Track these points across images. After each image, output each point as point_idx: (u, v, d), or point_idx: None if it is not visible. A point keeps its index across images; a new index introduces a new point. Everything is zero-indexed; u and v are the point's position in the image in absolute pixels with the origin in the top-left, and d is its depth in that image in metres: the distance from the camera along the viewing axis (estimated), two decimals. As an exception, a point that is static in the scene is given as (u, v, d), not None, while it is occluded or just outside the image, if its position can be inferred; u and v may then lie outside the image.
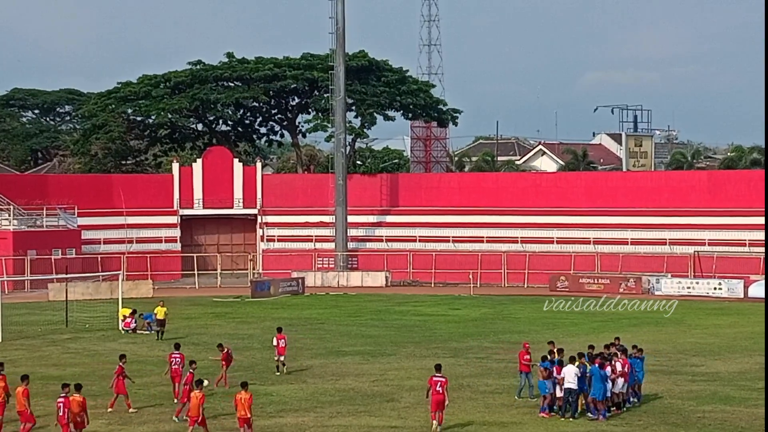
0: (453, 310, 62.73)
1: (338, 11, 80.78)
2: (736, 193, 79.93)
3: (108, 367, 39.59)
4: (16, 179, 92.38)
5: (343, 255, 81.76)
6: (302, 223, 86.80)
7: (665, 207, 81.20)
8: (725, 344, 47.55)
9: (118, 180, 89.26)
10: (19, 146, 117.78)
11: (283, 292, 71.53)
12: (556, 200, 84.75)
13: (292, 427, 30.95)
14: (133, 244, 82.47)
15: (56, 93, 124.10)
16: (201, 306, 63.96)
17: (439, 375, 30.31)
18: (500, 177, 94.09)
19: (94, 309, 57.10)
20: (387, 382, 37.90)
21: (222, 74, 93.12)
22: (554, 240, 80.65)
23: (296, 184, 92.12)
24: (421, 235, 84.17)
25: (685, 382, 37.72)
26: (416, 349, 45.79)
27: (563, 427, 30.96)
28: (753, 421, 31.46)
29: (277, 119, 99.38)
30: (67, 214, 79.80)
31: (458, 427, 30.96)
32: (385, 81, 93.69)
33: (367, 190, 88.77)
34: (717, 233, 76.88)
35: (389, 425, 31.26)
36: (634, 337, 46.92)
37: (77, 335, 50.95)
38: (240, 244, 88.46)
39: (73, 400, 28.00)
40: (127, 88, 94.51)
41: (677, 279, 71.73)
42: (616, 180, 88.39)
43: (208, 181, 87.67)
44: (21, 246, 75.27)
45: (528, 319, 57.78)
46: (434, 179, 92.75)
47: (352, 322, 56.93)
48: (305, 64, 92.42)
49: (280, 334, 39.62)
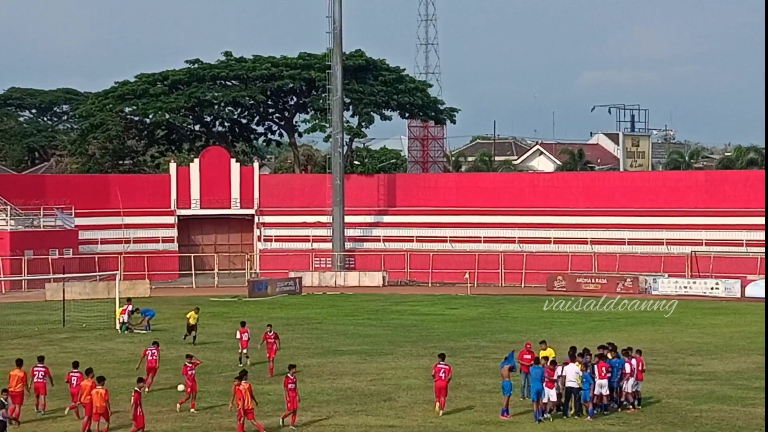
0: (450, 309, 62.75)
1: (335, 11, 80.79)
2: (733, 193, 79.99)
3: (107, 367, 39.61)
4: (14, 179, 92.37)
5: (340, 255, 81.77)
6: (299, 223, 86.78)
7: (662, 207, 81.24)
8: (722, 344, 47.59)
9: (115, 180, 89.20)
10: (17, 146, 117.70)
11: (280, 291, 71.53)
12: (554, 200, 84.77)
13: (289, 427, 30.94)
14: (130, 244, 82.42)
15: (54, 92, 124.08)
16: (198, 306, 63.82)
17: (443, 363, 31.83)
18: (497, 177, 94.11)
19: (91, 309, 57.11)
20: (384, 382, 37.92)
21: (219, 73, 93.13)
22: (551, 240, 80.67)
23: (293, 184, 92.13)
24: (418, 235, 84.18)
25: (682, 382, 37.75)
26: (413, 348, 45.81)
27: (560, 426, 30.97)
28: (750, 420, 31.49)
29: (275, 119, 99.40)
30: (64, 214, 79.75)
31: (455, 425, 30.98)
32: (383, 80, 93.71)
33: (364, 190, 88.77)
34: (714, 233, 76.91)
35: (386, 424, 31.28)
36: (631, 337, 47.01)
37: (74, 335, 50.94)
38: (237, 244, 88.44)
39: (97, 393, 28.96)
40: (125, 86, 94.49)
41: (674, 279, 71.79)
42: (614, 180, 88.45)
43: (206, 181, 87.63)
44: (18, 246, 75.23)
45: (525, 318, 57.82)
46: (431, 179, 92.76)
47: (349, 321, 56.94)
48: (302, 63, 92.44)
49: (243, 328, 41.34)
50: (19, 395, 31.03)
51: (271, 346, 39.43)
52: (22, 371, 31.57)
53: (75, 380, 31.90)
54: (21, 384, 31.28)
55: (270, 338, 39.69)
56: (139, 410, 28.41)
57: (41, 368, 32.59)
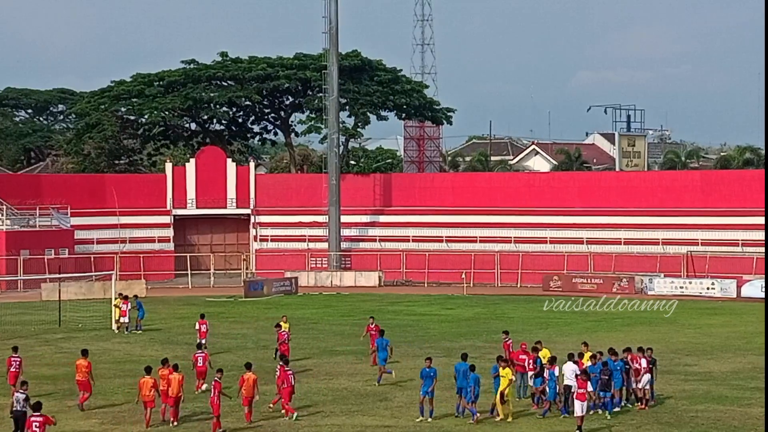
0: (446, 309, 62.74)
1: (331, 11, 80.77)
2: (729, 193, 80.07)
3: (103, 367, 39.58)
4: (9, 179, 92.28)
5: (336, 255, 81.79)
6: (295, 223, 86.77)
7: (658, 207, 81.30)
8: (718, 344, 47.60)
9: (111, 180, 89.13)
10: (12, 145, 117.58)
11: (276, 291, 71.52)
12: (550, 200, 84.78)
13: (285, 426, 30.96)
14: (126, 243, 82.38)
15: (49, 92, 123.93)
16: (194, 306, 63.80)
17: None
18: (493, 177, 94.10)
19: (87, 309, 57.09)
20: (381, 382, 37.85)
21: (215, 73, 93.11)
22: (547, 240, 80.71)
23: (289, 183, 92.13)
24: (414, 235, 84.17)
25: (678, 382, 37.77)
26: (409, 348, 45.76)
27: (558, 426, 30.98)
28: (746, 420, 31.53)
29: (271, 119, 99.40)
30: (60, 214, 79.69)
31: (451, 426, 30.97)
32: (379, 80, 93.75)
33: (360, 190, 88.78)
34: (710, 233, 76.97)
35: (382, 424, 31.28)
36: (627, 337, 47.04)
37: (70, 335, 50.90)
38: (233, 244, 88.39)
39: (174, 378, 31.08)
40: (121, 86, 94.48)
41: (670, 279, 71.82)
42: (609, 180, 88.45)
43: (202, 181, 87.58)
44: (14, 246, 75.17)
45: (521, 318, 57.79)
46: (427, 179, 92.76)
47: (345, 321, 56.89)
48: (298, 63, 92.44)
49: (202, 320, 44.42)
50: (84, 384, 33.20)
51: (374, 338, 40.13)
52: (86, 361, 33.37)
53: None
54: (86, 373, 33.17)
55: (372, 330, 41.37)
56: (216, 399, 29.99)
57: (17, 358, 34.63)
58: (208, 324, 44.41)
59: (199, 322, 44.47)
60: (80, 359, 33.54)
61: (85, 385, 33.19)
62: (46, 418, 26.30)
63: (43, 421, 26.37)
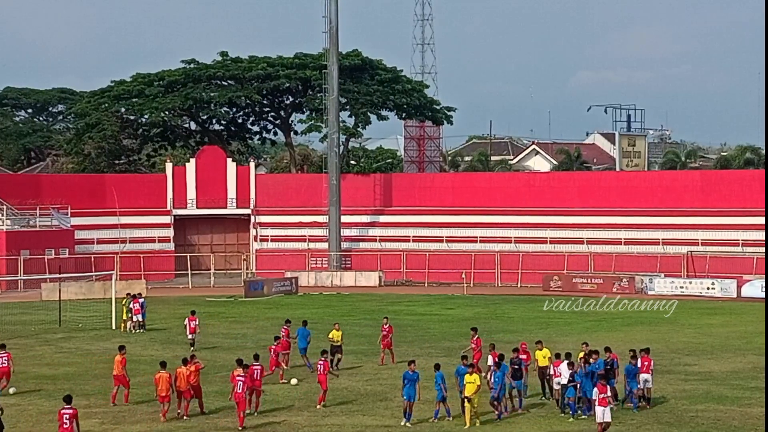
0: (446, 309, 62.73)
1: (332, 10, 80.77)
2: (729, 193, 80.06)
3: (102, 367, 39.60)
4: (9, 179, 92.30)
5: (336, 255, 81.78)
6: (296, 223, 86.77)
7: (658, 207, 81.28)
8: (718, 344, 47.60)
9: (111, 180, 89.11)
10: (12, 145, 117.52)
11: (276, 291, 71.52)
12: (550, 200, 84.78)
13: (286, 426, 30.97)
14: (126, 243, 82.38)
15: (49, 92, 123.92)
16: (194, 306, 63.37)
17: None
18: (493, 177, 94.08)
19: (87, 309, 57.14)
20: (380, 382, 37.94)
21: (215, 73, 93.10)
22: (547, 240, 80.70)
23: (290, 183, 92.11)
24: (414, 235, 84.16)
25: (678, 382, 37.77)
26: (409, 348, 45.75)
27: (556, 426, 30.98)
28: (746, 420, 31.53)
29: (271, 118, 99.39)
30: (60, 214, 79.69)
31: (450, 426, 30.97)
32: (379, 80, 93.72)
33: (360, 189, 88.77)
34: (710, 233, 76.96)
35: (382, 424, 31.27)
36: (627, 337, 47.09)
37: (70, 335, 50.92)
38: (233, 244, 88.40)
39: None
40: (121, 86, 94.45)
41: (670, 279, 71.82)
42: (610, 180, 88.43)
43: (202, 181, 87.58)
44: (14, 246, 75.17)
45: (521, 318, 57.81)
46: (428, 179, 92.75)
47: (345, 321, 56.68)
48: (299, 63, 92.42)
49: (192, 316, 45.80)
50: (121, 378, 33.85)
51: (385, 338, 41.99)
52: (122, 356, 34.15)
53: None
54: (122, 368, 33.83)
55: (385, 330, 42.36)
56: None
57: (4, 354, 35.40)
58: (198, 321, 45.80)
59: (188, 318, 45.79)
60: (117, 355, 34.28)
61: (122, 379, 33.81)
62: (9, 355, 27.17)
63: (73, 414, 26.59)
